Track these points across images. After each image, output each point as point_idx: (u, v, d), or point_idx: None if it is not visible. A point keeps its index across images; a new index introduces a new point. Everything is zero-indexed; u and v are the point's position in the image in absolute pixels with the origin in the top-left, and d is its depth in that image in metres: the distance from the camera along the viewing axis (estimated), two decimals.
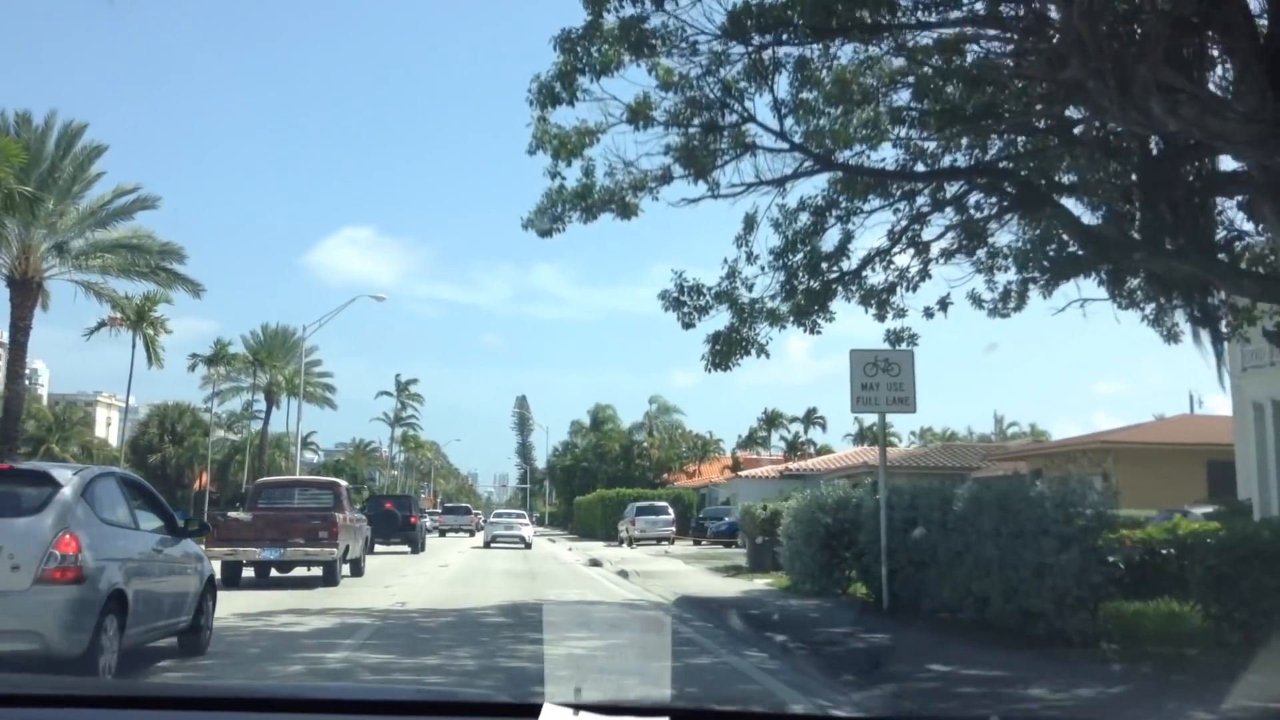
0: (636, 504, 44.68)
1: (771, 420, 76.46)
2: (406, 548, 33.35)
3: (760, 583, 19.31)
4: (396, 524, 33.22)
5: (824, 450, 74.49)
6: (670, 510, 43.81)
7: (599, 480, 72.61)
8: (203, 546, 11.66)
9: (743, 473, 52.37)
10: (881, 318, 15.26)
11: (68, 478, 8.12)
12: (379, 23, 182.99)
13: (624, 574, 23.08)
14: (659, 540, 42.13)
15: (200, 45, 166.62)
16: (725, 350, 14.89)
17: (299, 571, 19.18)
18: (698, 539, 42.42)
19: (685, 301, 14.61)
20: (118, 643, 7.95)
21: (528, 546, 40.20)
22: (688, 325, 14.77)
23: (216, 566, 12.56)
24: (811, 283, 14.90)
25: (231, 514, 20.00)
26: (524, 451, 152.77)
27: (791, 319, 14.98)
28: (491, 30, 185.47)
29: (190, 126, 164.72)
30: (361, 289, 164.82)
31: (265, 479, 27.60)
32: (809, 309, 14.89)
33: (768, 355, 15.31)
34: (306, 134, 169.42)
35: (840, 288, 15.12)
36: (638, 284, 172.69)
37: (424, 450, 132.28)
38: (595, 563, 29.01)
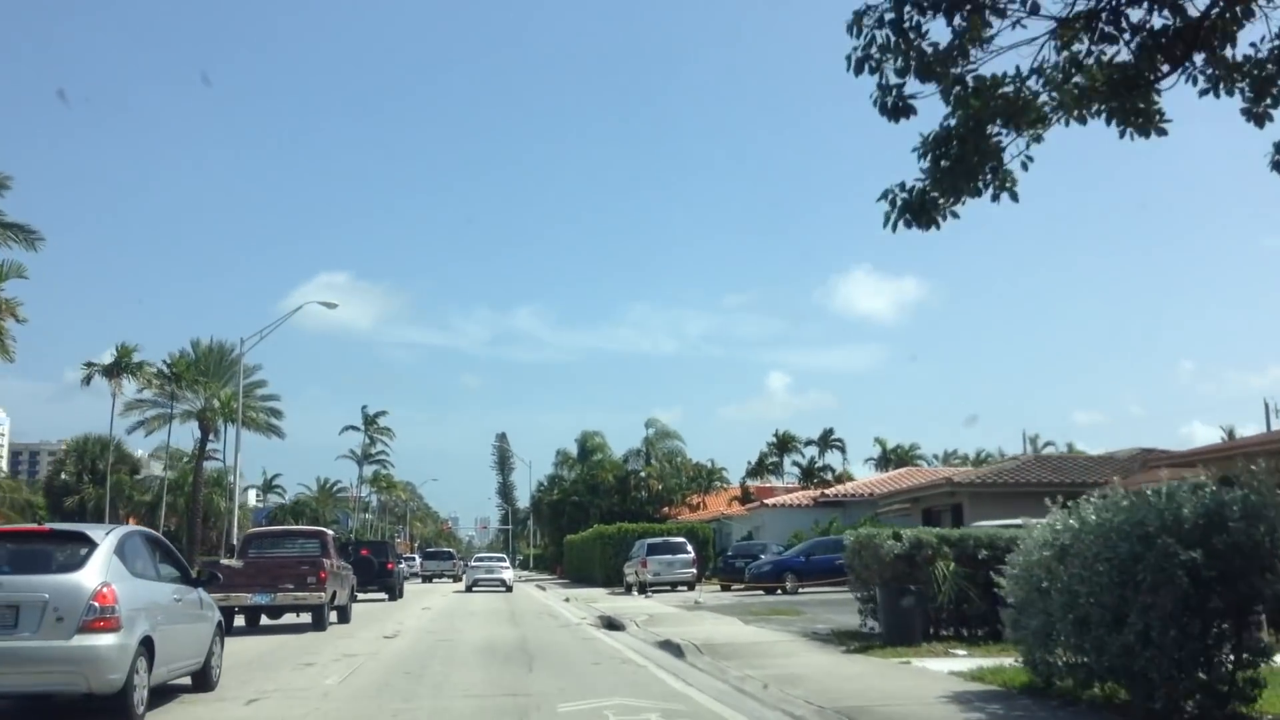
0: (647, 540, 36.18)
1: (783, 444, 68.08)
2: (384, 595, 32.85)
3: (949, 668, 10.93)
4: (373, 571, 32.38)
5: (844, 477, 66.18)
6: (689, 548, 35.37)
7: (592, 516, 64.09)
8: None
9: (769, 501, 43.99)
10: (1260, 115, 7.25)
11: (102, 537, 9.09)
12: (354, 63, 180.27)
13: (675, 649, 14.61)
14: (676, 585, 33.63)
15: (170, 84, 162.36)
16: (954, 168, 6.85)
17: (289, 618, 20.25)
18: (727, 583, 33.90)
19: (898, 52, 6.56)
20: (147, 681, 8.97)
21: (508, 590, 39.45)
22: (896, 110, 6.66)
23: None
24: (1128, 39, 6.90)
25: (224, 561, 21.52)
26: (505, 491, 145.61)
27: (1100, 104, 6.92)
28: (469, 68, 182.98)
29: (159, 170, 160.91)
30: (339, 334, 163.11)
31: (255, 529, 28.56)
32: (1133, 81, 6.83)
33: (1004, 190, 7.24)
34: (281, 177, 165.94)
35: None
36: (617, 323, 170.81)
37: (397, 491, 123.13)
38: (613, 624, 20.55)
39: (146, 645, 8.90)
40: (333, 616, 20.52)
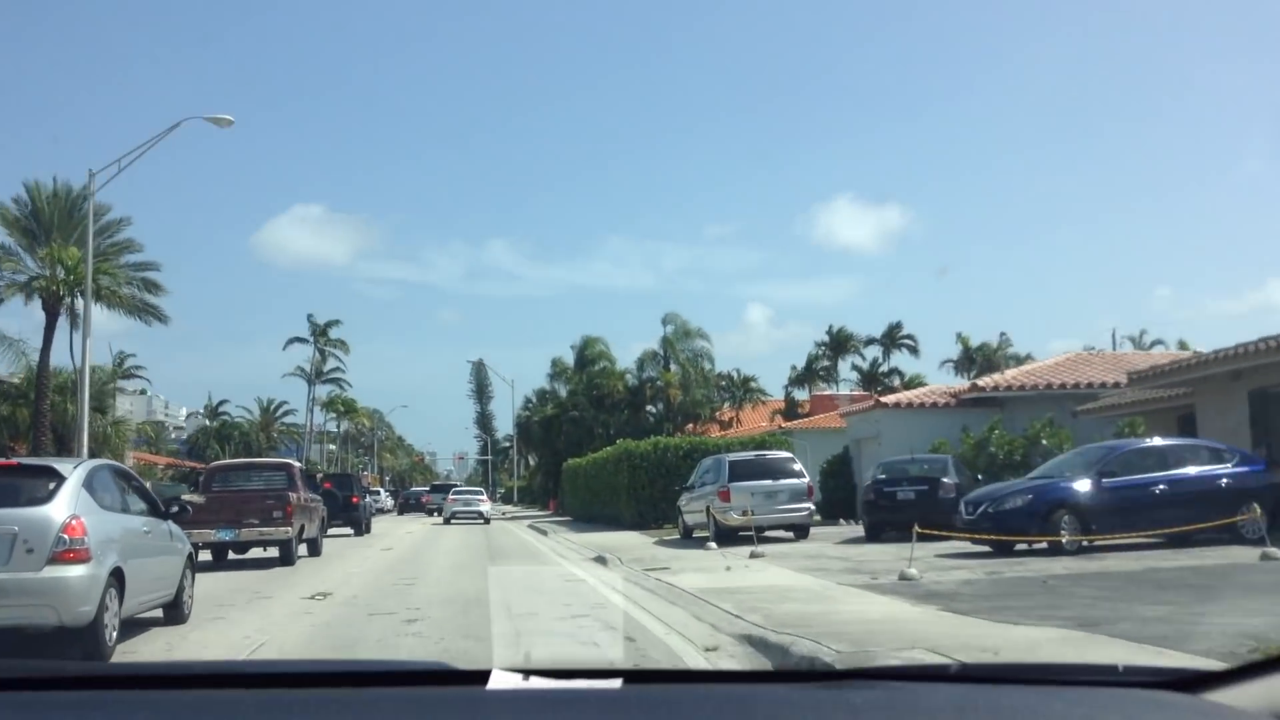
0: (727, 458, 21.48)
1: (838, 343, 53.39)
2: (349, 530, 31.87)
3: None
4: (338, 504, 30.23)
5: (915, 381, 51.78)
6: (799, 467, 20.92)
7: (597, 436, 49.80)
8: None
9: (888, 400, 29.33)
10: None
11: (70, 470, 9.05)
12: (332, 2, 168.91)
13: None
14: (783, 530, 19.34)
15: (142, 21, 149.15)
16: None
17: (256, 553, 19.66)
18: (874, 528, 19.43)
19: None
20: (119, 612, 8.95)
21: (486, 522, 40.24)
22: None
23: None
24: None
25: (185, 496, 19.16)
26: (483, 421, 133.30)
27: None
28: (448, 7, 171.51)
29: (132, 100, 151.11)
30: (315, 270, 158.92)
31: (218, 462, 28.99)
32: None
33: None
34: (255, 107, 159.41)
35: None
36: (592, 257, 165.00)
37: (360, 417, 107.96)
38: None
39: (117, 577, 8.89)
40: (303, 550, 20.14)
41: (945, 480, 18.58)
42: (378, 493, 68.99)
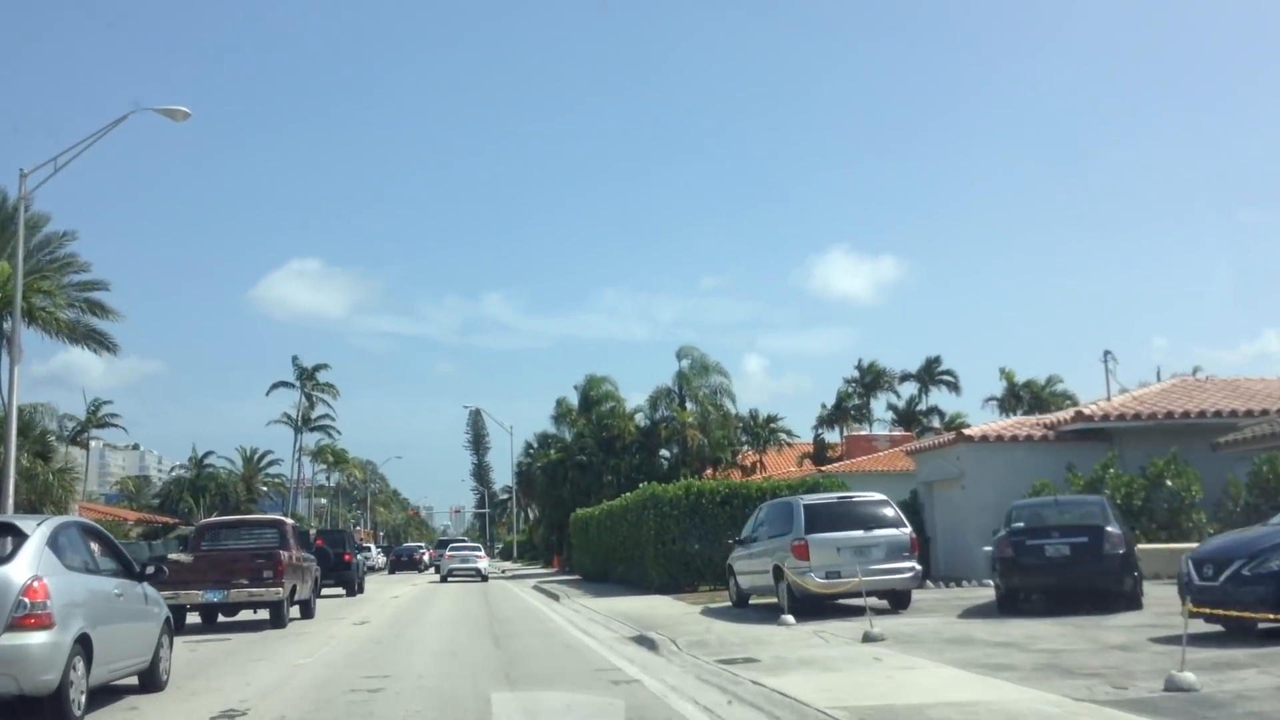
0: (801, 500, 16.51)
1: (869, 380, 48.53)
2: (341, 590, 30.29)
3: None
4: (329, 562, 28.41)
5: (956, 420, 46.90)
6: (897, 513, 16.04)
7: (606, 483, 44.93)
8: None
9: (971, 433, 24.38)
10: None
11: (33, 528, 8.44)
12: (327, 55, 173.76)
13: None
14: (874, 597, 14.52)
15: (142, 67, 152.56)
16: None
17: (245, 615, 18.89)
18: (1011, 595, 14.46)
19: None
20: (85, 682, 8.28)
21: (484, 579, 39.40)
22: None
23: None
24: None
25: (172, 556, 19.89)
26: (480, 473, 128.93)
27: None
28: (439, 56, 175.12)
29: (130, 155, 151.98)
30: (312, 324, 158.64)
31: (208, 520, 26.60)
32: None
33: None
34: (254, 160, 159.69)
35: None
36: (588, 310, 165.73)
37: (351, 468, 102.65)
38: None
39: (83, 643, 8.29)
40: (294, 611, 19.28)
41: (1110, 530, 13.68)
42: (369, 549, 63.68)
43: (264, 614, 18.29)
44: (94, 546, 9.64)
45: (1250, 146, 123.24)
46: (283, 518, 23.88)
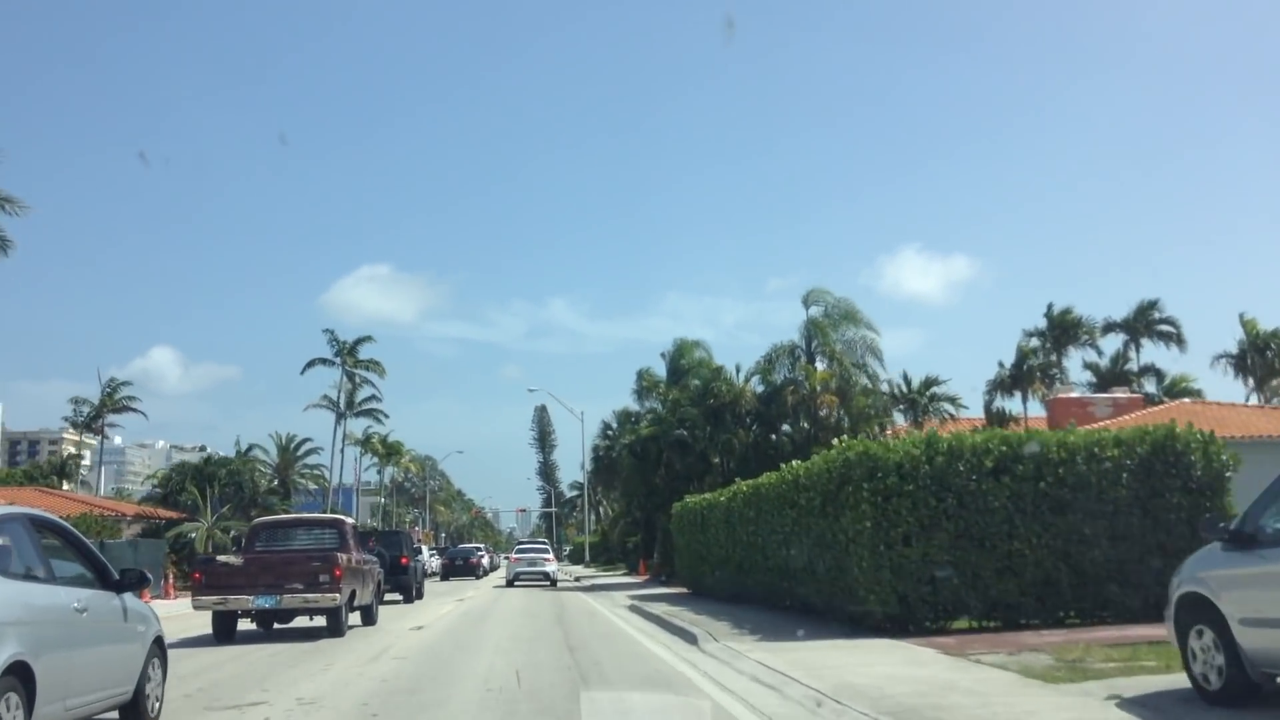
0: None
1: (1062, 332, 36.70)
2: (398, 595, 27.92)
3: None
4: (384, 566, 24.84)
5: (1179, 384, 34.95)
6: None
7: (713, 467, 34.33)
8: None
9: None
10: None
11: None
12: (396, 60, 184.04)
13: None
14: None
15: (208, 79, 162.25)
16: None
17: (301, 621, 18.04)
18: None
19: None
20: None
21: (552, 584, 37.73)
22: None
23: (207, 618, 15.39)
24: None
25: (221, 558, 18.29)
26: (546, 471, 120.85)
27: None
28: (507, 68, 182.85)
29: (198, 163, 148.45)
30: (381, 329, 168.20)
31: (263, 519, 23.47)
32: None
33: None
34: (322, 170, 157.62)
35: None
36: (651, 313, 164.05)
37: (405, 462, 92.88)
38: None
39: (19, 673, 6.23)
40: (354, 617, 18.43)
41: None
42: (423, 551, 53.67)
43: (320, 620, 17.39)
44: (45, 546, 7.21)
45: None
46: (343, 517, 22.95)
